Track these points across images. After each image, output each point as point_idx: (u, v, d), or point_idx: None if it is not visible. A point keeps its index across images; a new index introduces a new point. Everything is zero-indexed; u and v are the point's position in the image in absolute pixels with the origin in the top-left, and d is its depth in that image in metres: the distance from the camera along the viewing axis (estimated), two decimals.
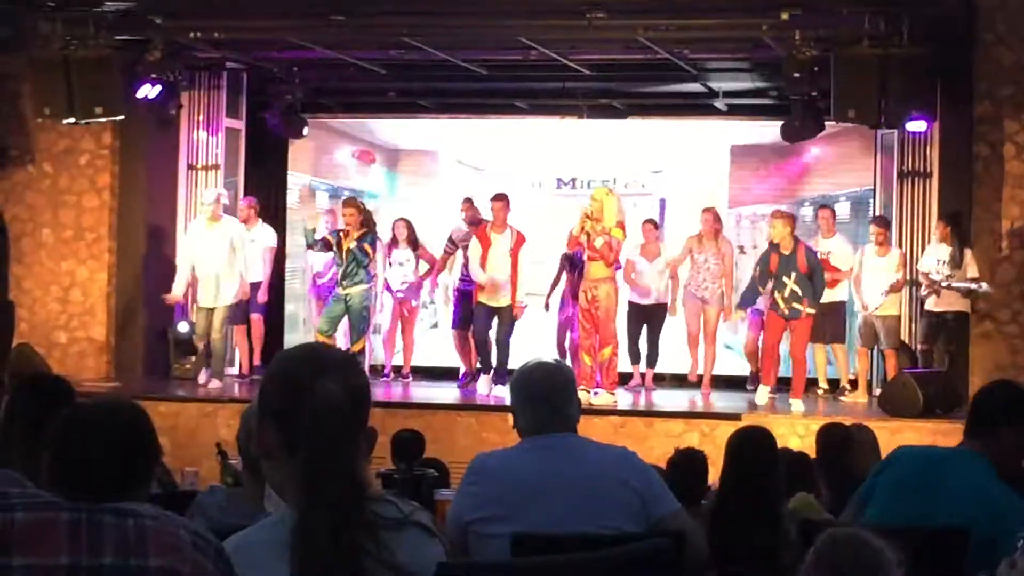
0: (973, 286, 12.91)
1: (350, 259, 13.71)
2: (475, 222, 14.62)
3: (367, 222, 14.01)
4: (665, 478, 5.01)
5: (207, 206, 14.26)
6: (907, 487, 4.92)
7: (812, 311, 13.02)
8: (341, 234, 13.83)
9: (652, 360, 14.75)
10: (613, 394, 13.31)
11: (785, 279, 12.93)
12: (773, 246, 13.14)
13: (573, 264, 14.18)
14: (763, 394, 13.13)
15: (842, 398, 13.90)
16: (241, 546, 2.63)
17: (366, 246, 13.75)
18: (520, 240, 13.86)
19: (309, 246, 14.22)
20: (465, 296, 14.57)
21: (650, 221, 15.05)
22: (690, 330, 14.57)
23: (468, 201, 15.12)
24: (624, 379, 14.08)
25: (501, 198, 14.04)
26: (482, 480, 4.59)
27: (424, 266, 15.25)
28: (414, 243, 15.12)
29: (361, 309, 13.74)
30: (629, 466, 4.60)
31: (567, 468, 4.53)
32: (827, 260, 13.72)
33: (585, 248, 13.27)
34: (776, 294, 13.00)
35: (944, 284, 13.10)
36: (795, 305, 12.92)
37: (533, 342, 14.26)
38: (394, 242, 15.13)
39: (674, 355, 14.78)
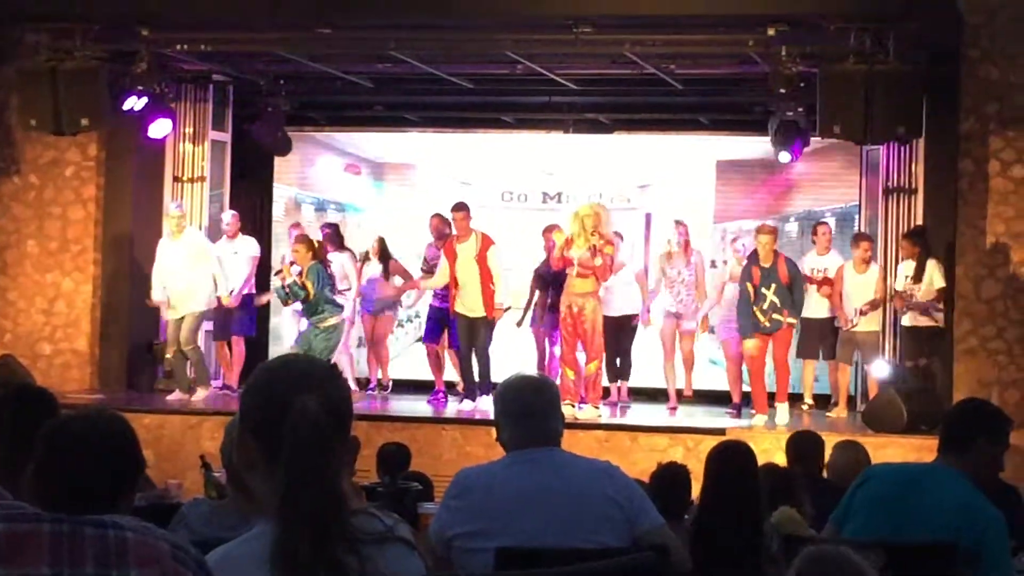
0: (932, 308, 13.04)
1: (309, 303, 13.54)
2: (441, 236, 14.49)
3: (316, 254, 13.79)
4: (648, 492, 5.01)
5: (171, 219, 14.24)
6: (887, 503, 4.97)
7: (793, 321, 13.06)
8: (298, 279, 13.64)
9: (624, 372, 14.58)
10: (598, 408, 13.25)
11: (765, 291, 12.95)
12: (753, 259, 13.14)
13: (546, 282, 14.10)
14: (759, 422, 12.96)
15: (828, 414, 13.85)
16: (223, 560, 2.62)
17: (304, 280, 13.50)
18: (486, 244, 13.64)
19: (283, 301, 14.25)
20: (439, 312, 14.51)
21: (616, 233, 15.00)
22: (666, 349, 14.43)
23: (437, 216, 15.00)
24: (604, 394, 13.96)
25: (460, 208, 13.87)
26: (466, 494, 4.59)
27: (398, 280, 15.21)
28: (385, 257, 15.11)
29: (324, 349, 13.28)
30: (612, 480, 4.61)
31: (551, 482, 4.54)
32: (827, 277, 13.76)
33: (575, 263, 12.99)
34: (755, 308, 13.00)
35: (906, 307, 13.23)
36: (775, 316, 12.94)
37: (513, 355, 14.27)
38: (366, 256, 15.14)
39: (656, 370, 14.71)
